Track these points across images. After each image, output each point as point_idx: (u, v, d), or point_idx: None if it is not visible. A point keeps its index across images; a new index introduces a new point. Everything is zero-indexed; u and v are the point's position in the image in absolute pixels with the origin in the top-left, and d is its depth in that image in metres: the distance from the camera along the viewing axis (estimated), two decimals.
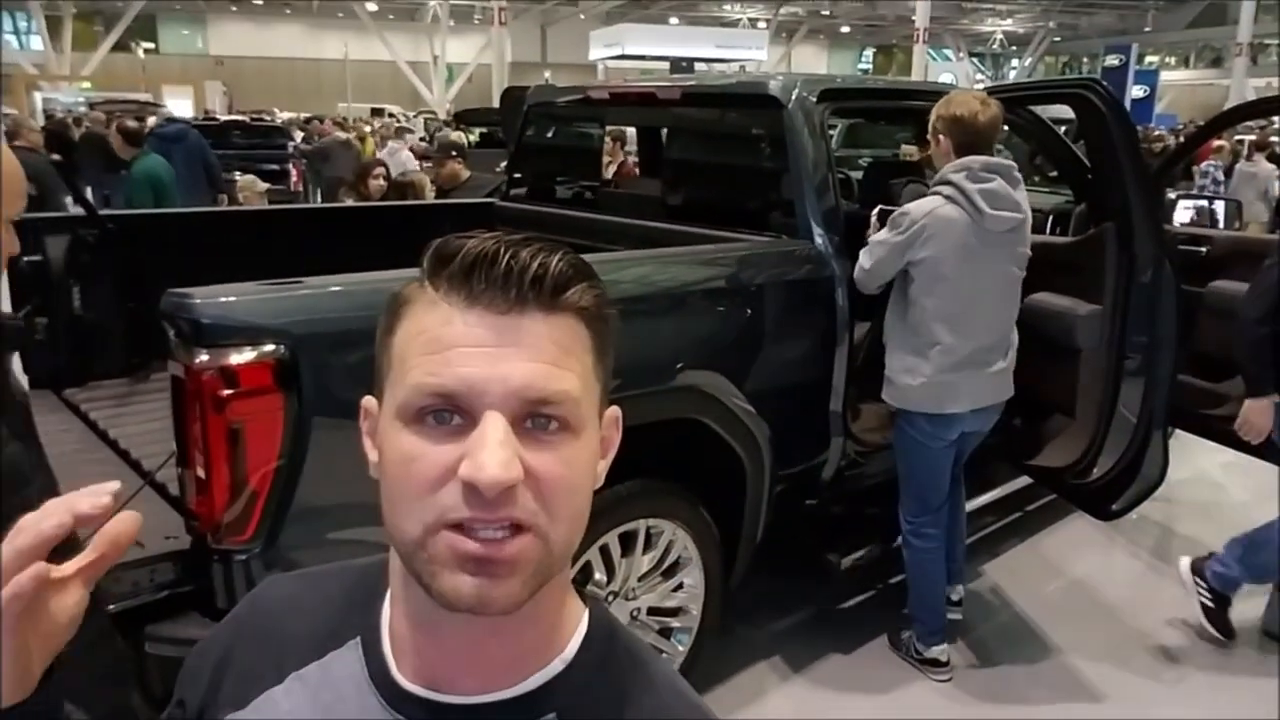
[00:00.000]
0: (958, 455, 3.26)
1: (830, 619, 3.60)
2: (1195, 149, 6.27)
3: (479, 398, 0.62)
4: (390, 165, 9.00)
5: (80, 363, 3.38)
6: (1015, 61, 46.05)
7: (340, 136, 12.80)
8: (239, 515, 2.05)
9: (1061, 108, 3.97)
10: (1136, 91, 29.33)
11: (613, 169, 7.63)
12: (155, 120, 9.69)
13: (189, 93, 29.56)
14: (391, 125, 17.86)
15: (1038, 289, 3.38)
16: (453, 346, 0.63)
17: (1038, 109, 3.99)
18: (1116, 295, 3.16)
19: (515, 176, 4.67)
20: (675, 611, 2.95)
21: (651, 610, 2.89)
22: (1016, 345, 3.15)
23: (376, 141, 14.53)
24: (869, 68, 48.84)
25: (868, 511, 3.49)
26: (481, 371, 0.63)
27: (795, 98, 3.25)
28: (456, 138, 11.26)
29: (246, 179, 7.97)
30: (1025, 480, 3.90)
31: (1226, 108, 4.11)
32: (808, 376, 3.13)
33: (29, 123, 8.47)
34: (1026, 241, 3.07)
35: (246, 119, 18.73)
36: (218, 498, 2.03)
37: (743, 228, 3.32)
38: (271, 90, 37.26)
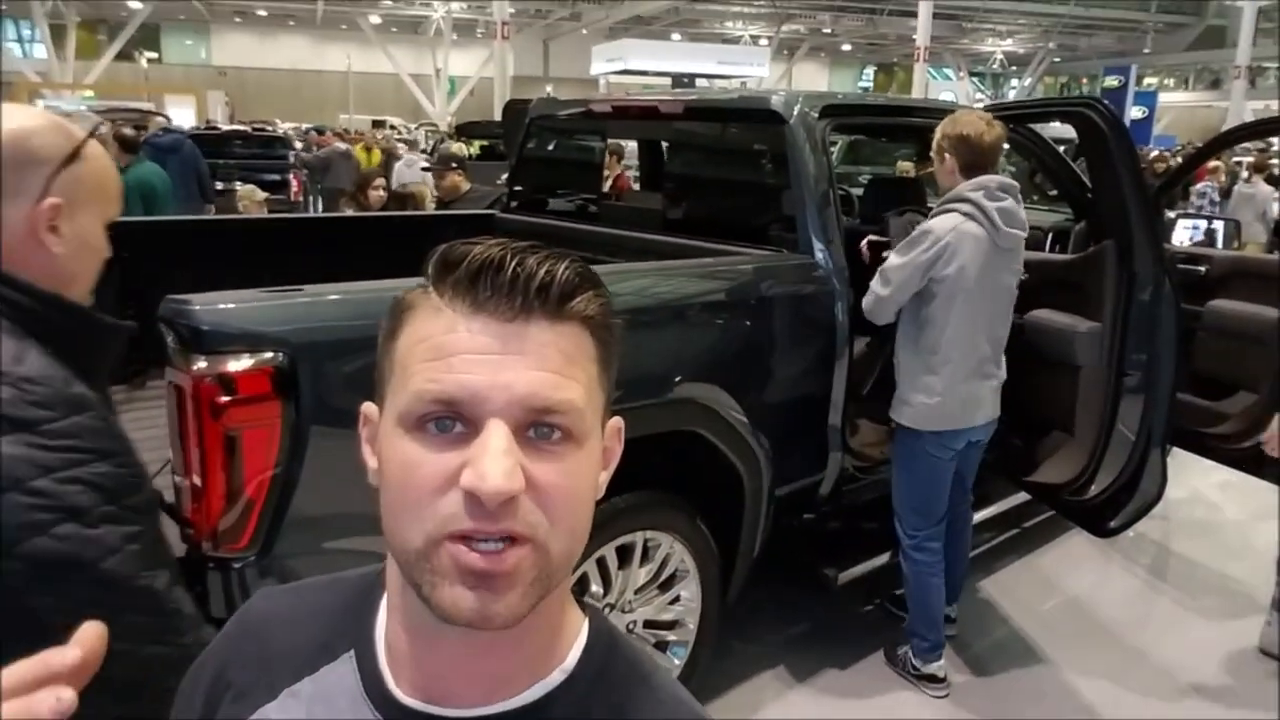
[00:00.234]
0: (962, 468, 3.28)
1: (827, 633, 3.59)
2: (1195, 169, 6.29)
3: (482, 405, 0.61)
4: (409, 177, 9.03)
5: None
6: (1015, 81, 46.23)
7: (340, 147, 12.82)
8: (235, 523, 2.04)
9: (1063, 127, 3.99)
10: (1135, 112, 29.48)
11: (608, 183, 7.64)
12: (151, 129, 9.67)
13: (191, 102, 29.63)
14: (391, 137, 17.88)
15: (1038, 306, 3.39)
16: (456, 353, 0.62)
17: (1038, 127, 4.01)
18: (1116, 313, 3.17)
19: (516, 189, 4.68)
20: (672, 625, 2.93)
21: (648, 623, 2.88)
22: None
23: (387, 152, 14.48)
24: (870, 85, 49.04)
25: (865, 526, 3.48)
26: (485, 379, 0.62)
27: (797, 113, 3.26)
28: (457, 149, 11.28)
29: (246, 188, 7.96)
30: (1022, 496, 3.89)
31: (1224, 129, 4.11)
32: (806, 391, 3.13)
33: None
34: (1022, 256, 3.13)
35: (248, 129, 18.78)
36: (214, 505, 2.02)
37: (743, 241, 3.33)
38: (274, 101, 37.40)
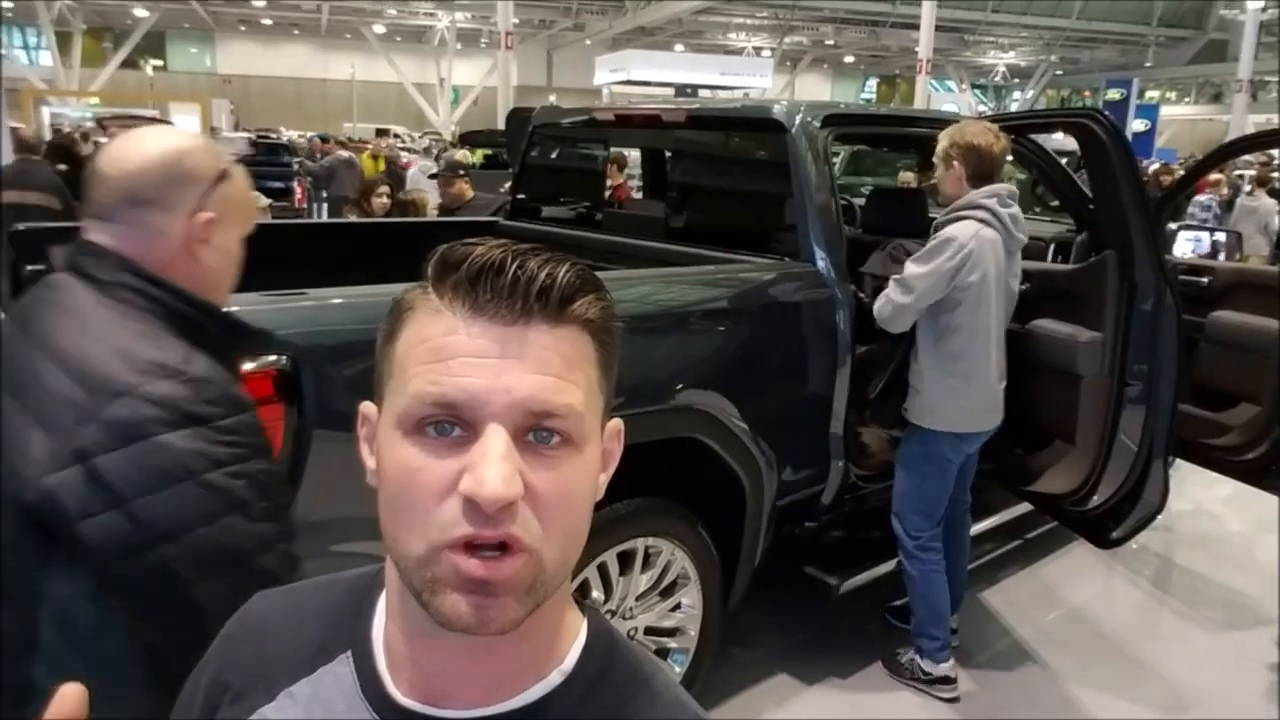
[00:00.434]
0: (965, 469, 3.32)
1: (828, 642, 3.58)
2: (1195, 181, 6.30)
3: (481, 409, 0.61)
4: (424, 184, 9.05)
5: None
6: (1017, 94, 46.30)
7: (344, 155, 12.84)
8: None
9: (1066, 139, 4.00)
10: (1137, 125, 29.53)
11: (607, 193, 7.65)
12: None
13: (196, 110, 29.65)
14: (394, 146, 17.88)
15: (1039, 316, 3.39)
16: (455, 356, 0.62)
17: (1041, 139, 4.02)
18: (1117, 323, 3.17)
19: (519, 197, 4.68)
20: (673, 632, 2.93)
21: (649, 630, 2.87)
22: None
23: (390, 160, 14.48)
24: (872, 97, 49.13)
25: (867, 534, 3.48)
26: (484, 382, 0.61)
27: (799, 122, 3.27)
28: (461, 156, 11.30)
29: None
30: (1025, 507, 3.89)
31: (1224, 142, 4.13)
32: (808, 398, 3.14)
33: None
34: (1020, 262, 3.22)
35: (252, 136, 18.83)
36: None
37: (745, 250, 3.34)
38: (278, 109, 37.52)
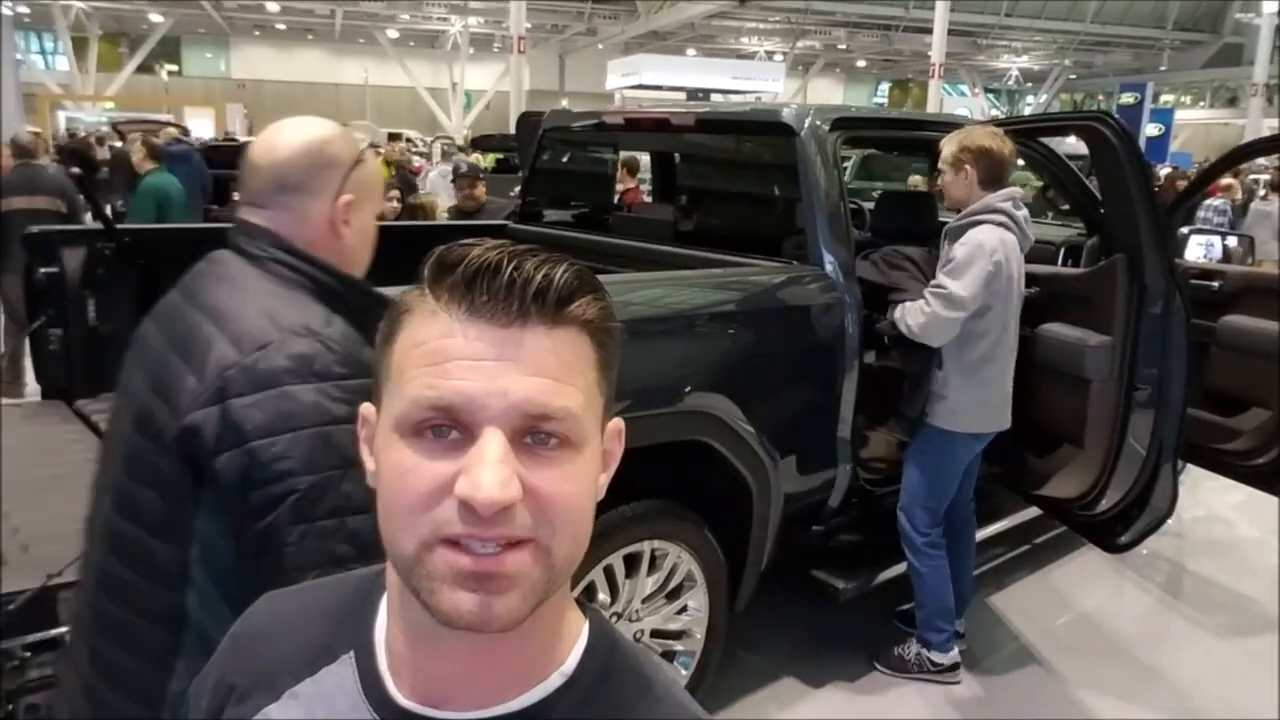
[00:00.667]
0: (972, 467, 3.35)
1: (834, 645, 3.57)
2: (1207, 185, 6.27)
3: (478, 412, 0.61)
4: (443, 187, 9.10)
5: (94, 374, 3.40)
6: (1030, 98, 46.15)
7: None
8: None
9: (1078, 144, 4.00)
10: (1152, 130, 29.33)
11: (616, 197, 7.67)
12: (164, 139, 9.85)
13: (210, 114, 29.85)
14: (406, 149, 17.92)
15: (1048, 319, 3.38)
16: (451, 359, 0.62)
17: (1053, 143, 4.01)
18: (1127, 327, 3.16)
19: (529, 200, 4.70)
20: (679, 635, 2.93)
21: (655, 633, 2.88)
22: None
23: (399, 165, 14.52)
24: (884, 101, 49.01)
25: (874, 538, 3.47)
26: (480, 385, 0.61)
27: (808, 126, 3.27)
28: (475, 161, 11.29)
29: None
30: (1034, 512, 3.87)
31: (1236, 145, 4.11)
32: (815, 402, 3.13)
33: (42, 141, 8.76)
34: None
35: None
36: None
37: (754, 253, 3.34)
38: (291, 113, 36.41)
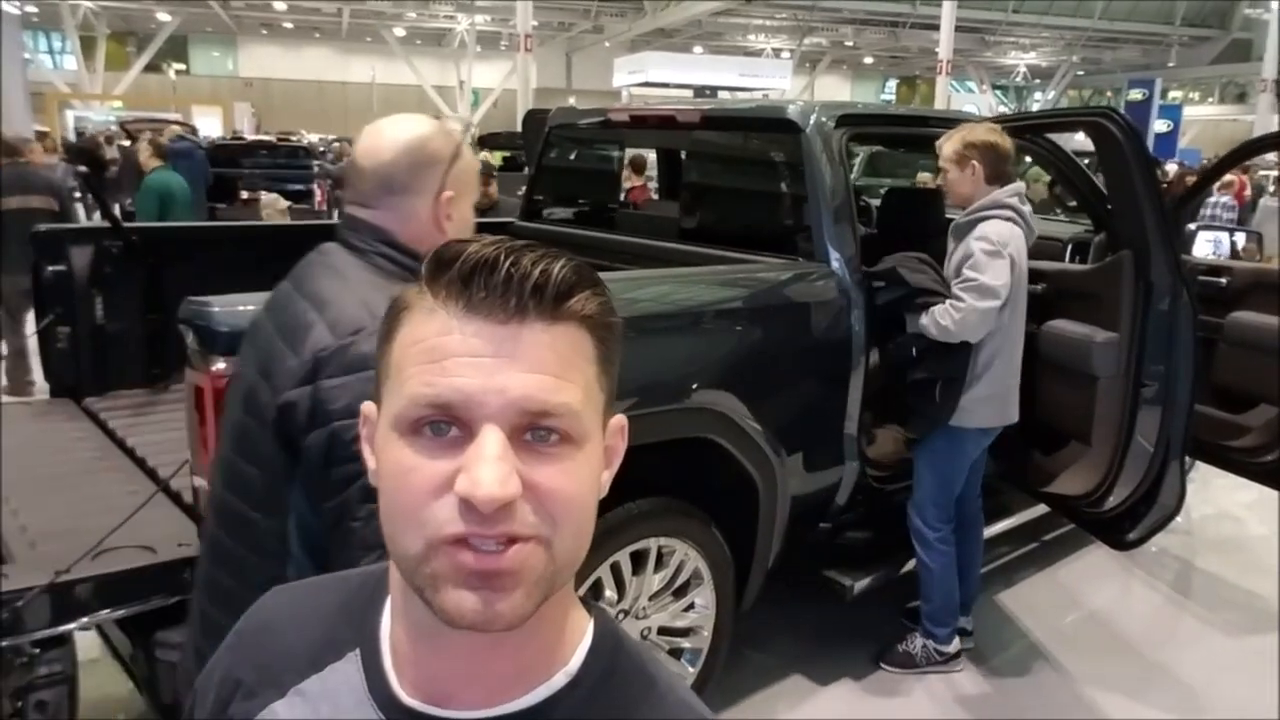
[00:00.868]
0: (978, 462, 3.36)
1: (842, 643, 3.56)
2: (1213, 181, 6.26)
3: (476, 409, 0.61)
4: None
5: (101, 372, 3.41)
6: (1038, 94, 45.97)
7: None
8: None
9: (1086, 141, 3.98)
10: (1160, 126, 29.20)
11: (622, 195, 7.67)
12: (167, 137, 9.93)
13: (218, 113, 29.92)
14: None
15: (1055, 316, 3.37)
16: (449, 356, 0.62)
17: (1062, 140, 4.00)
18: (1133, 323, 3.14)
19: (535, 198, 4.69)
20: (686, 632, 2.93)
21: (662, 630, 2.88)
22: None
23: None
24: (892, 98, 48.85)
25: (882, 535, 3.47)
26: (479, 383, 0.61)
27: (813, 122, 3.27)
28: (486, 158, 11.30)
29: (269, 197, 8.05)
30: (1041, 509, 3.86)
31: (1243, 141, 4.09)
32: (822, 400, 3.13)
33: (31, 144, 8.82)
34: None
35: (273, 138, 18.95)
36: None
37: (760, 250, 3.33)
38: (299, 112, 37.65)
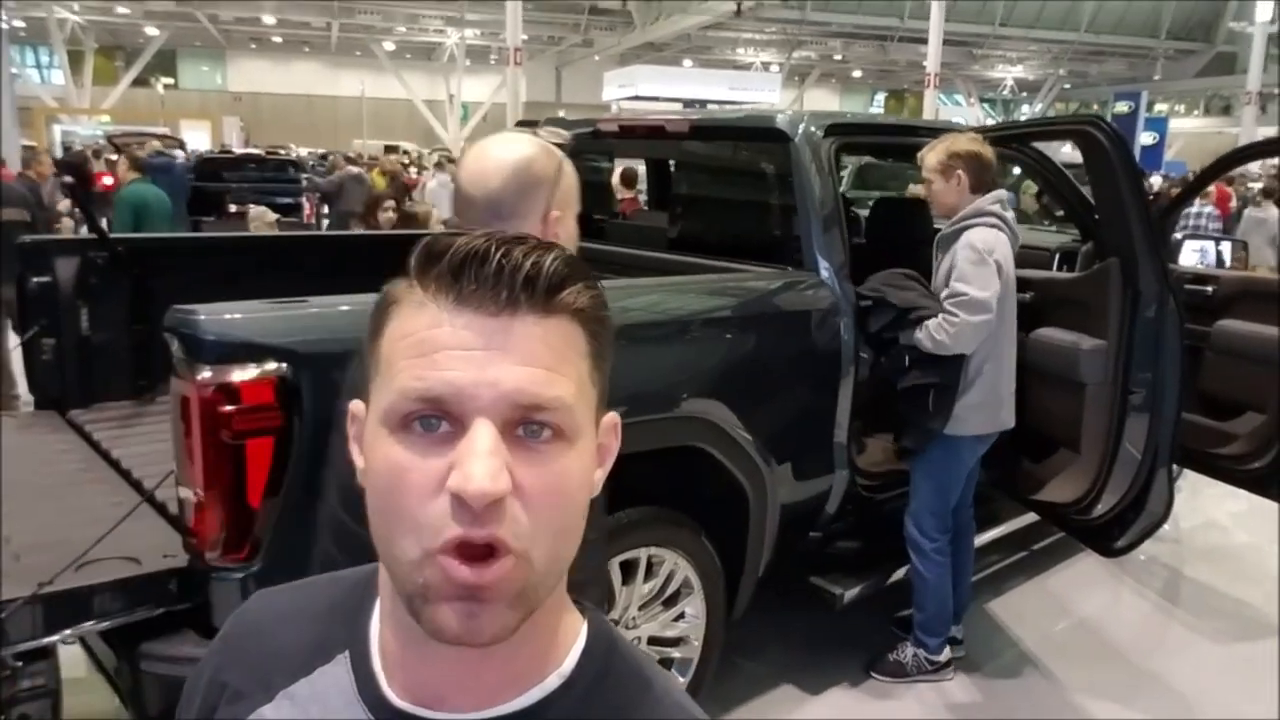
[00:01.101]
0: (973, 470, 3.35)
1: (832, 652, 3.55)
2: (1198, 192, 6.31)
3: (467, 403, 0.60)
4: (442, 197, 9.24)
5: (86, 384, 3.39)
6: (1025, 107, 46.23)
7: (353, 171, 12.88)
8: (237, 533, 2.05)
9: (1074, 153, 4.00)
10: (1146, 138, 29.43)
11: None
12: (147, 151, 9.92)
13: (206, 127, 29.89)
14: (396, 161, 17.94)
15: (1043, 324, 3.38)
16: (440, 349, 0.61)
17: (1051, 153, 4.02)
18: (1121, 331, 3.16)
19: None
20: (676, 641, 2.92)
21: (652, 640, 2.86)
22: None
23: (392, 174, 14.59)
24: (880, 112, 49.13)
25: (871, 544, 3.46)
26: (470, 376, 0.60)
27: (802, 131, 3.28)
28: None
29: (257, 210, 8.04)
30: (1031, 518, 3.86)
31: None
32: (812, 408, 3.13)
33: (41, 156, 8.87)
34: None
35: (262, 152, 18.95)
36: (217, 515, 2.03)
37: (750, 259, 3.34)
38: (288, 126, 37.66)
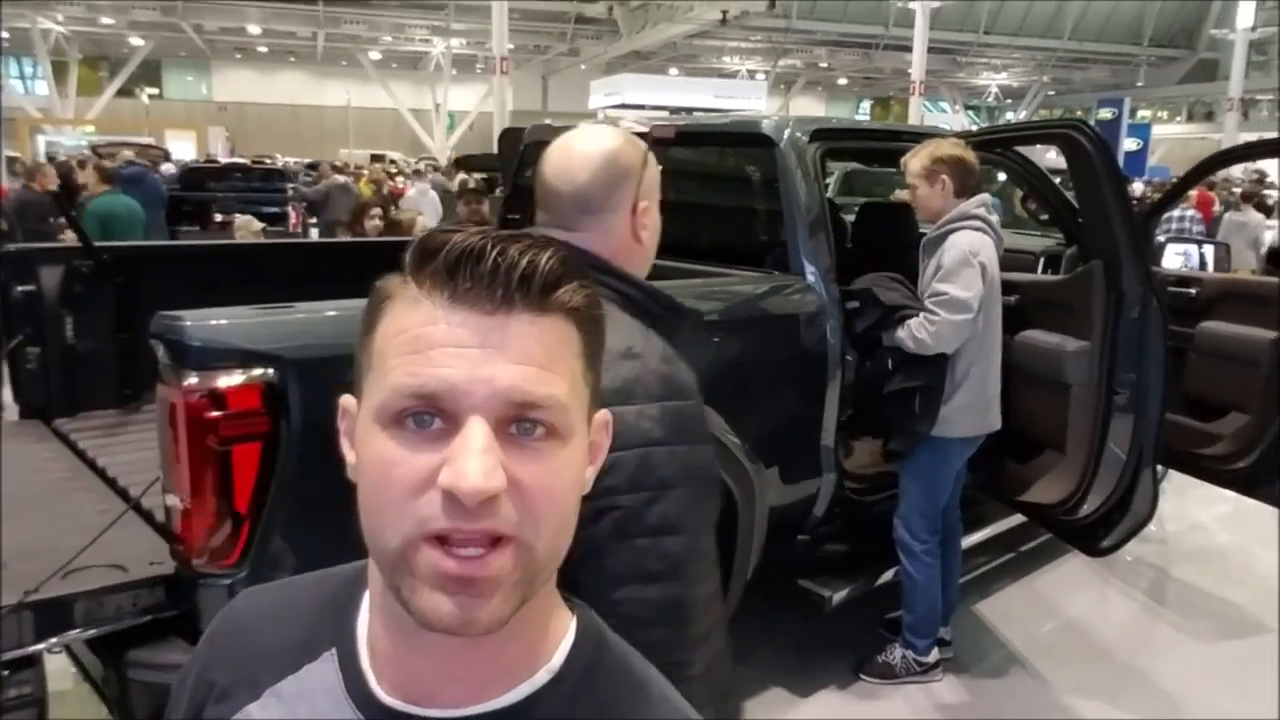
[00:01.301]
0: (957, 475, 3.36)
1: (821, 654, 3.55)
2: (1180, 195, 6.36)
3: (462, 399, 0.60)
4: (423, 205, 9.30)
5: (72, 393, 3.37)
6: (1010, 114, 46.52)
7: (339, 180, 12.89)
8: (224, 540, 2.03)
9: (1059, 158, 4.03)
10: (1130, 144, 29.59)
11: None
12: (118, 162, 9.92)
13: (192, 137, 29.76)
14: (380, 169, 17.99)
15: (1027, 326, 3.40)
16: (434, 346, 0.61)
17: (1035, 158, 4.05)
18: (1104, 332, 3.18)
19: (511, 216, 4.68)
20: None
21: None
22: None
23: (377, 183, 14.66)
24: (866, 119, 49.39)
25: (860, 547, 3.47)
26: (464, 373, 0.60)
27: (787, 137, 3.29)
28: (462, 181, 11.32)
29: (243, 219, 8.03)
30: (1018, 519, 3.88)
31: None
32: (799, 412, 3.13)
33: (44, 167, 8.96)
34: None
35: (247, 162, 18.94)
36: (203, 521, 2.02)
37: (736, 264, 3.35)
38: (274, 135, 37.57)
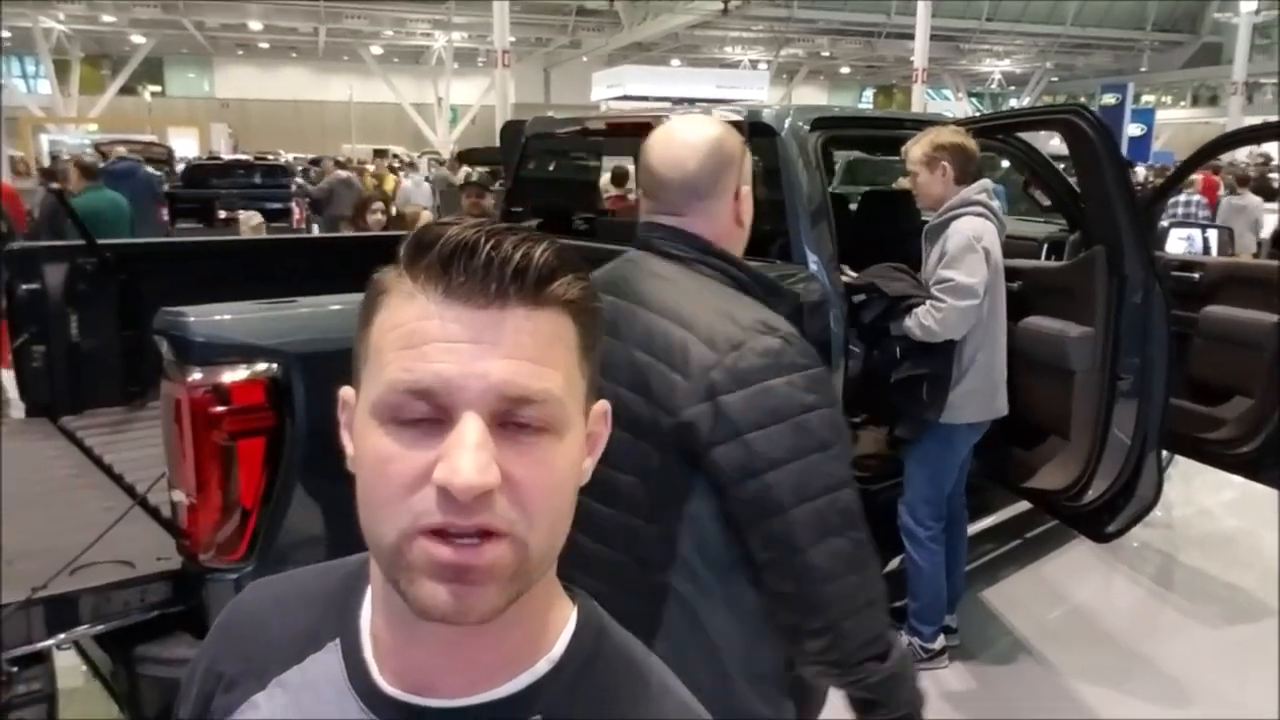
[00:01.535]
0: (966, 458, 3.38)
1: None
2: (1183, 179, 6.35)
3: (456, 395, 0.60)
4: (417, 197, 9.40)
5: (77, 390, 3.39)
6: (1013, 101, 46.37)
7: (342, 175, 12.88)
8: (231, 534, 2.05)
9: (1062, 145, 4.02)
10: (1134, 130, 29.44)
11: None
12: (111, 158, 9.94)
13: (194, 134, 29.78)
14: (382, 165, 17.98)
15: (1030, 313, 3.40)
16: (429, 341, 0.61)
17: (1040, 145, 4.05)
18: (1108, 317, 3.16)
19: (513, 209, 4.69)
20: None
21: None
22: None
23: (378, 178, 14.69)
24: (869, 107, 49.25)
25: None
26: (459, 368, 0.60)
27: (789, 125, 3.29)
28: (465, 174, 11.35)
29: (246, 215, 8.05)
30: (1024, 506, 3.89)
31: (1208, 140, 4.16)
32: None
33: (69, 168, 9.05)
34: None
35: (250, 158, 18.96)
36: (210, 516, 2.03)
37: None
38: (276, 132, 37.56)
